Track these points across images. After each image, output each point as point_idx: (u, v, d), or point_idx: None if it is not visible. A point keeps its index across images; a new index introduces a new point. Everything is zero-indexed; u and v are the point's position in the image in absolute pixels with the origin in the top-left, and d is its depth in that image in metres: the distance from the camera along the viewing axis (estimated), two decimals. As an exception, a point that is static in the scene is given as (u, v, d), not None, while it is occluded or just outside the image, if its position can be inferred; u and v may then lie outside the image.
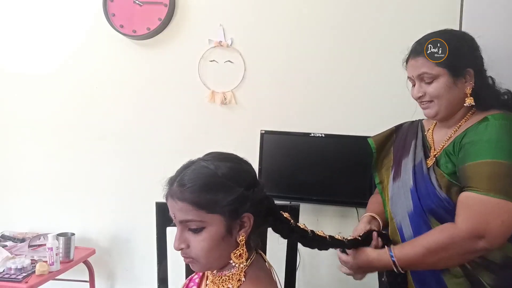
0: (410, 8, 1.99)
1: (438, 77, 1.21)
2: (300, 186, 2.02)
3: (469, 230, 1.09)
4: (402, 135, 1.42)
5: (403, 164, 1.34)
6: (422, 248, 1.15)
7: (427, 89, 1.23)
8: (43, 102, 2.40)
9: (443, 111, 1.23)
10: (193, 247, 0.94)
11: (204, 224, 0.92)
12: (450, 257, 1.14)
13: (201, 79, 2.21)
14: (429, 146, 1.31)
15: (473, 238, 1.09)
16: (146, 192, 2.26)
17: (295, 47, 2.12)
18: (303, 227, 1.10)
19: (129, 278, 2.39)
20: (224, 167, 0.94)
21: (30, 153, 2.44)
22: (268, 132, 2.05)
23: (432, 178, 1.23)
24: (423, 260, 1.16)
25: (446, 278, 1.20)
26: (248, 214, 0.94)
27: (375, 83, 2.06)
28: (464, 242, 1.10)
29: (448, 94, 1.21)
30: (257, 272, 0.99)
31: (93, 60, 2.34)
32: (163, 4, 2.18)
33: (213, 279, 1.02)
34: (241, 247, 0.96)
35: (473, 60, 1.22)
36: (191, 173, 0.94)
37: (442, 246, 1.13)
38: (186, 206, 0.92)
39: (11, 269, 1.94)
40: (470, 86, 1.21)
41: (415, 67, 1.25)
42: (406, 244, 1.22)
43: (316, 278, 2.16)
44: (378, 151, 1.48)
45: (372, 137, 1.50)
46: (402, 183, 1.32)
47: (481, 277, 1.16)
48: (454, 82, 1.20)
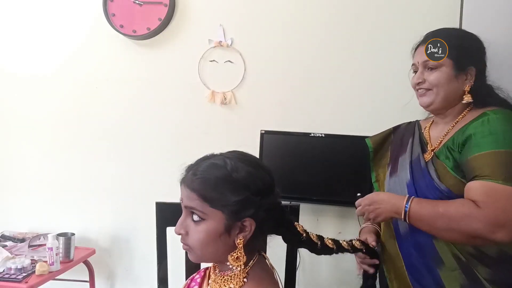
0: (410, 9, 1.99)
1: (442, 66, 1.23)
2: (300, 186, 2.02)
3: (491, 217, 1.08)
4: (399, 135, 1.45)
5: (400, 161, 1.36)
6: (440, 209, 1.14)
7: (428, 76, 1.26)
8: (43, 102, 2.40)
9: (438, 101, 1.26)
10: (191, 236, 0.96)
11: (205, 216, 0.94)
12: (458, 230, 1.12)
13: (201, 79, 2.21)
14: (426, 142, 1.33)
15: (494, 227, 1.07)
16: (146, 192, 2.27)
17: (295, 47, 2.12)
18: (314, 239, 1.10)
19: (129, 278, 2.39)
20: (240, 169, 0.96)
21: (30, 153, 2.44)
22: (268, 132, 2.05)
23: (430, 171, 1.24)
24: (434, 221, 1.15)
25: (441, 272, 1.21)
26: (250, 219, 0.95)
27: (375, 83, 2.06)
28: (479, 225, 1.08)
29: (447, 85, 1.24)
30: (260, 273, 0.99)
31: (93, 60, 2.34)
32: (163, 4, 2.18)
33: (215, 278, 1.02)
34: (238, 250, 0.96)
35: (478, 61, 1.25)
36: (207, 166, 0.97)
37: (458, 217, 1.11)
38: (193, 195, 0.95)
39: (11, 269, 1.94)
40: (470, 84, 1.24)
41: (423, 53, 1.27)
42: (424, 201, 1.20)
43: (316, 278, 2.16)
44: (375, 150, 1.51)
45: (370, 137, 1.54)
46: (398, 179, 1.34)
47: (477, 270, 1.16)
48: (455, 75, 1.23)
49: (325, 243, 1.12)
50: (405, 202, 1.19)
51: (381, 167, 1.47)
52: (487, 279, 1.15)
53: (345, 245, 1.19)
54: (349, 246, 1.20)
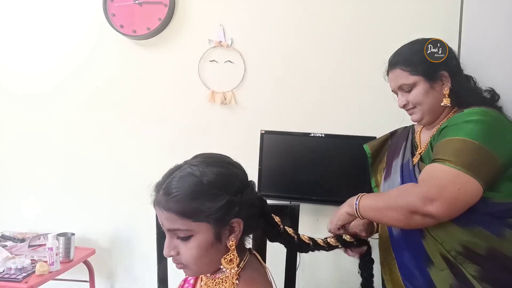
0: (409, 9, 1.99)
1: (415, 85, 1.28)
2: (300, 186, 2.02)
3: (424, 190, 1.11)
4: (395, 140, 1.48)
5: (393, 165, 1.39)
6: (381, 199, 1.22)
7: (408, 97, 1.30)
8: (43, 102, 2.40)
9: (426, 114, 1.30)
10: (183, 254, 0.93)
11: (192, 232, 0.91)
12: (400, 211, 1.15)
13: (201, 79, 2.21)
14: (416, 146, 1.37)
15: (426, 200, 1.10)
16: (146, 192, 2.26)
17: (295, 47, 2.12)
18: (291, 233, 1.11)
19: (129, 278, 2.39)
20: (210, 173, 0.92)
21: (30, 153, 2.44)
22: (268, 132, 2.05)
23: (416, 173, 1.27)
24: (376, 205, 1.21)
25: (431, 272, 1.22)
26: (237, 219, 0.93)
27: (375, 83, 2.04)
28: (416, 199, 1.11)
29: (427, 98, 1.28)
30: (251, 273, 0.98)
31: (93, 60, 2.34)
32: (163, 4, 2.18)
33: (206, 281, 1.01)
34: (231, 252, 0.94)
35: (446, 63, 1.28)
36: (177, 181, 0.93)
37: (395, 196, 1.18)
38: (172, 215, 0.91)
39: (11, 269, 1.94)
40: (448, 87, 1.27)
41: (393, 79, 1.34)
42: (373, 194, 1.30)
43: (316, 278, 2.16)
44: (374, 156, 1.55)
45: (368, 143, 1.57)
46: (391, 182, 1.37)
47: (465, 268, 1.16)
48: (431, 86, 1.27)
49: (301, 238, 1.14)
50: (355, 199, 1.26)
51: (379, 172, 1.51)
52: (475, 277, 1.15)
53: (321, 242, 1.21)
54: (324, 244, 1.23)
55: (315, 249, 1.20)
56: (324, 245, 1.23)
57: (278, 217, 1.08)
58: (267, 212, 1.05)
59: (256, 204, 0.99)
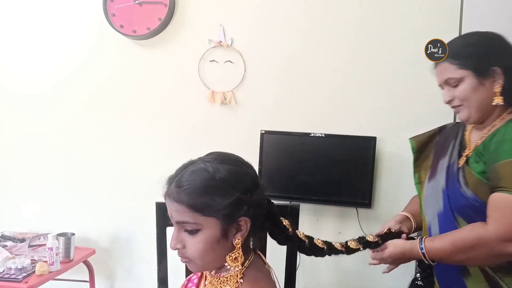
0: (409, 9, 1.99)
1: (463, 79, 1.19)
2: (300, 186, 2.02)
3: (498, 233, 1.07)
4: (444, 136, 1.39)
5: (440, 165, 1.31)
6: (450, 243, 1.15)
7: (454, 92, 1.21)
8: (43, 102, 2.40)
9: (474, 113, 1.21)
10: (189, 248, 0.94)
11: (200, 226, 0.92)
12: (478, 256, 1.12)
13: (201, 79, 2.21)
14: (464, 147, 1.28)
15: (502, 241, 1.07)
16: (146, 192, 2.26)
17: (295, 47, 2.12)
18: (302, 237, 1.08)
19: (129, 278, 2.39)
20: (223, 170, 0.93)
21: (30, 153, 2.44)
22: (268, 132, 2.05)
23: (459, 177, 1.21)
24: (450, 255, 1.16)
25: (467, 282, 1.19)
26: (245, 218, 0.94)
27: (375, 83, 2.06)
28: (492, 244, 1.08)
29: (475, 95, 1.19)
30: (256, 273, 0.98)
31: (93, 60, 2.34)
32: (163, 4, 2.18)
33: (211, 280, 1.01)
34: (236, 251, 0.95)
35: (500, 58, 1.19)
36: (189, 175, 0.94)
37: (470, 245, 1.12)
38: (182, 208, 0.92)
39: (11, 269, 1.94)
40: (500, 85, 1.17)
41: (439, 72, 1.25)
42: (436, 238, 1.21)
43: (316, 278, 2.16)
44: (419, 151, 1.44)
45: (414, 137, 1.46)
46: (435, 183, 1.30)
47: (503, 281, 1.14)
48: (480, 82, 1.18)
49: (314, 242, 1.10)
50: (419, 247, 1.20)
51: (424, 169, 1.41)
52: None
53: (338, 246, 1.16)
54: (343, 247, 1.17)
55: (332, 253, 1.15)
56: (343, 249, 1.17)
57: (287, 221, 1.06)
58: (274, 215, 1.04)
59: (264, 205, 1.00)
